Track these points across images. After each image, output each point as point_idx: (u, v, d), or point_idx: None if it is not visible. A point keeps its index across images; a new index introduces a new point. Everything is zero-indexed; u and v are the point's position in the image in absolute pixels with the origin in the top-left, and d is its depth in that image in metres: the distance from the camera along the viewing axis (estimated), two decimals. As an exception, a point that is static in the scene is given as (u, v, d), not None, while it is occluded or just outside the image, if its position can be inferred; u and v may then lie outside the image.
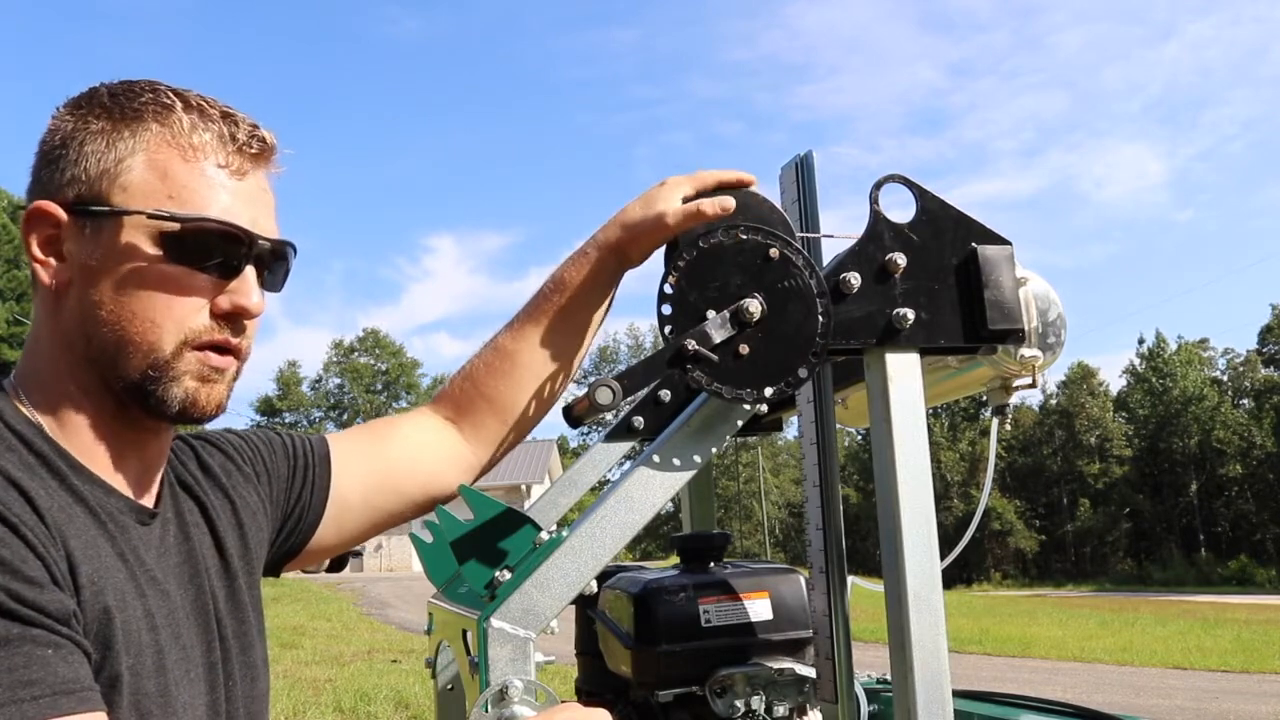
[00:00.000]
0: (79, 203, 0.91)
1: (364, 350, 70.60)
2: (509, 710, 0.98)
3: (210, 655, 0.98)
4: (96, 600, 0.83)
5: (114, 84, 0.95)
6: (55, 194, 0.92)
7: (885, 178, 1.16)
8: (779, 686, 1.35)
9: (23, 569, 0.76)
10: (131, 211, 0.90)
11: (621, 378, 1.09)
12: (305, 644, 13.97)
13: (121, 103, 0.93)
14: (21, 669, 0.73)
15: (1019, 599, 31.76)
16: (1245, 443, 52.45)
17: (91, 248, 0.90)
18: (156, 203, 0.91)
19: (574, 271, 1.25)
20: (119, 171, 0.91)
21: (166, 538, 0.99)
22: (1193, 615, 21.10)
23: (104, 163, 0.91)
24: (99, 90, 0.95)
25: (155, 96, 0.93)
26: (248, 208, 0.95)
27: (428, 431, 1.28)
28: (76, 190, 0.91)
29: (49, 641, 0.76)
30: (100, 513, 0.89)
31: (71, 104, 0.94)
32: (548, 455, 41.03)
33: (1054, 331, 1.32)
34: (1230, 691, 10.91)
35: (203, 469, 1.10)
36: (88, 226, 0.91)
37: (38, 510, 0.81)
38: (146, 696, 0.86)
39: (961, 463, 56.68)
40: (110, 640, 0.83)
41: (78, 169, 0.91)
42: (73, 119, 0.93)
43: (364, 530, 1.25)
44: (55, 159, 0.92)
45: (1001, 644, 15.34)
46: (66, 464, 0.89)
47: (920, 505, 1.11)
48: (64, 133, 0.93)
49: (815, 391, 1.35)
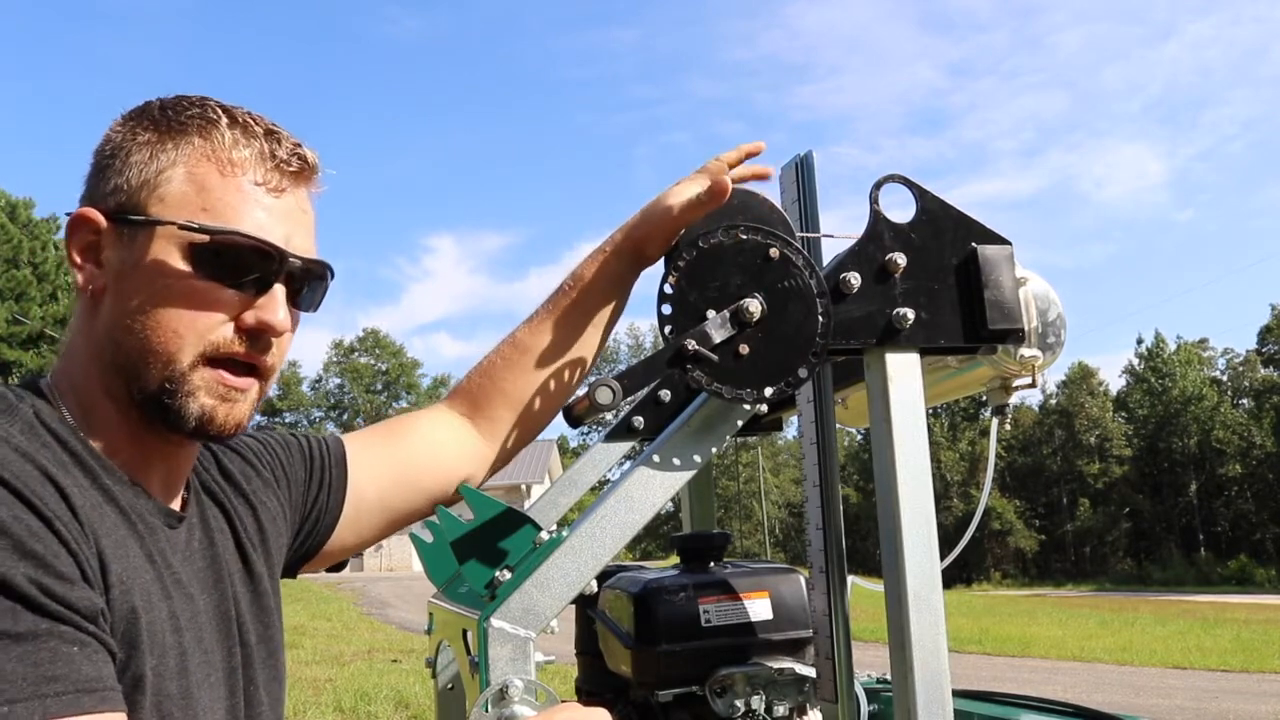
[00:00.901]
0: (119, 211, 0.92)
1: (364, 350, 70.62)
2: (509, 710, 0.98)
3: (231, 660, 0.99)
4: (124, 599, 0.84)
5: (168, 98, 0.97)
6: (99, 202, 0.93)
7: (885, 178, 1.16)
8: (779, 686, 1.35)
9: (54, 564, 0.76)
10: (165, 222, 0.91)
11: (621, 378, 1.09)
12: (305, 644, 13.97)
13: (170, 116, 0.95)
14: (47, 664, 0.73)
15: (1019, 599, 31.76)
16: (1245, 443, 52.44)
17: (126, 255, 0.92)
18: (190, 214, 0.91)
19: (590, 268, 1.27)
20: (159, 182, 0.92)
21: (192, 542, 0.99)
22: (1192, 615, 21.10)
23: (145, 173, 0.92)
24: (152, 104, 0.97)
25: (202, 111, 0.95)
26: (282, 225, 0.94)
27: (443, 427, 1.29)
28: (118, 199, 0.93)
29: (75, 639, 0.76)
30: (130, 513, 0.90)
31: (126, 116, 0.97)
32: (548, 455, 41.02)
33: (1054, 331, 1.32)
34: (1230, 691, 10.91)
35: (224, 475, 1.11)
36: (125, 235, 0.92)
37: (72, 506, 0.81)
38: (169, 698, 0.87)
39: (961, 463, 56.67)
40: (136, 640, 0.84)
41: (121, 178, 0.93)
42: (124, 130, 0.95)
43: (381, 529, 1.26)
44: (104, 168, 0.94)
45: (1001, 644, 15.34)
46: (99, 464, 0.90)
47: (920, 505, 1.11)
48: (115, 143, 0.95)
49: (815, 391, 1.35)
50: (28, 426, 0.86)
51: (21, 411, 0.88)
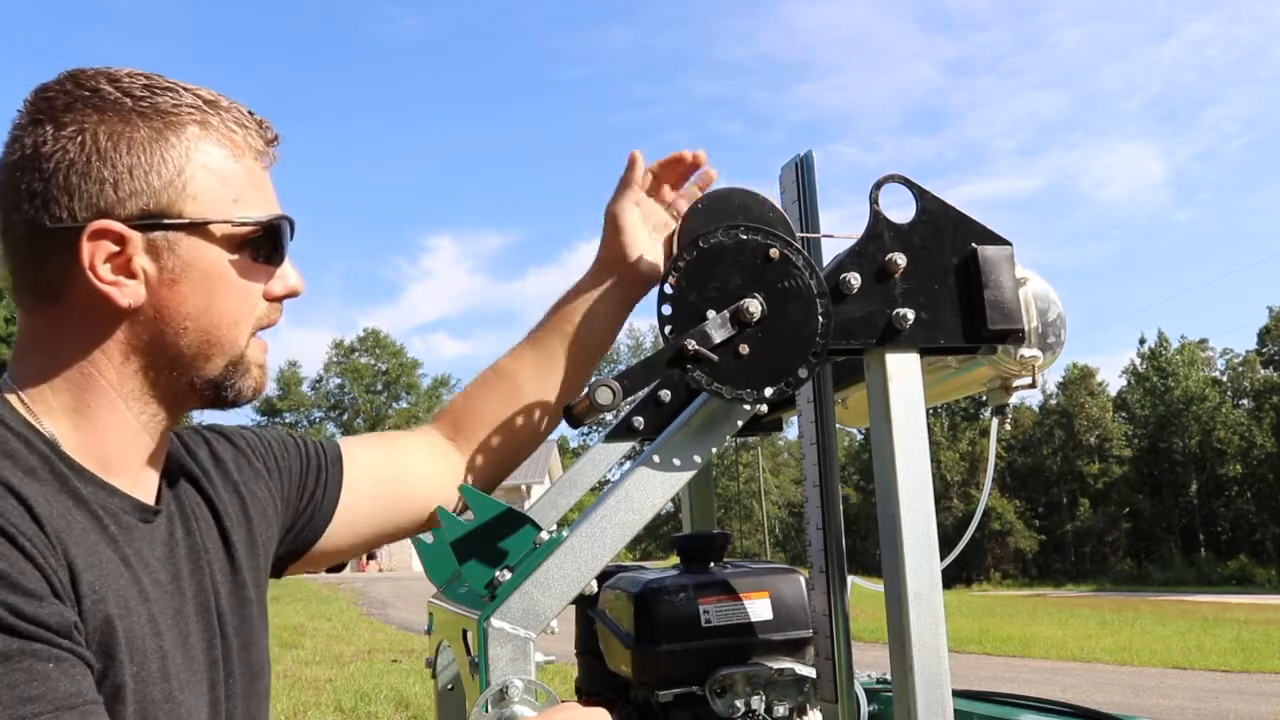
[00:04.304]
0: (147, 218, 0.89)
1: (364, 350, 70.61)
2: (509, 710, 0.98)
3: (211, 652, 0.98)
4: (98, 609, 0.82)
5: (116, 82, 0.89)
6: (108, 212, 0.87)
7: (885, 178, 1.16)
8: (779, 686, 1.35)
9: (21, 582, 0.75)
10: (212, 221, 0.91)
11: (622, 378, 1.09)
12: (305, 644, 13.98)
13: (145, 105, 0.89)
14: (23, 685, 0.72)
15: (1019, 599, 31.76)
16: (1245, 443, 52.43)
17: (171, 261, 0.90)
18: (226, 207, 0.93)
19: (570, 295, 1.28)
20: (183, 181, 0.90)
21: (173, 533, 0.98)
22: (1192, 615, 21.10)
23: (164, 174, 0.89)
24: (103, 91, 0.88)
25: (179, 95, 0.92)
26: (274, 193, 1.00)
27: (428, 449, 1.29)
28: (140, 205, 0.88)
29: (50, 655, 0.74)
30: (103, 515, 0.88)
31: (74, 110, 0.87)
32: (548, 455, 41.00)
33: (1054, 331, 1.32)
34: (1230, 691, 10.91)
35: (214, 460, 1.10)
36: (163, 241, 0.90)
37: (37, 519, 0.79)
38: (153, 704, 0.86)
39: (961, 463, 56.67)
40: (113, 649, 0.83)
41: (135, 183, 0.88)
42: (94, 126, 0.87)
43: (368, 537, 1.25)
44: (84, 174, 0.87)
45: (1001, 644, 15.35)
46: (67, 466, 0.87)
47: (920, 505, 1.11)
48: (85, 143, 0.87)
49: (815, 391, 1.35)
50: None
51: None
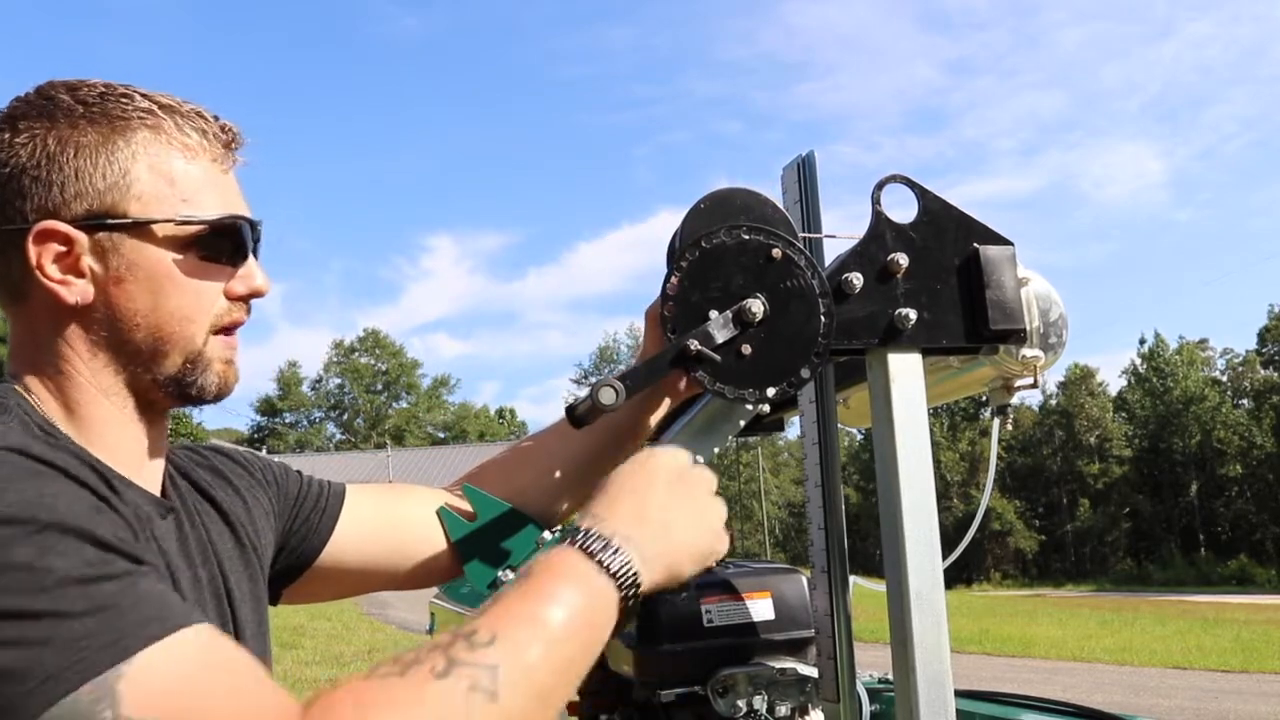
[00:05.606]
0: (92, 218, 0.91)
1: (364, 350, 70.68)
2: None
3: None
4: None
5: (74, 91, 0.93)
6: (55, 213, 0.90)
7: (887, 178, 1.16)
8: (781, 686, 1.35)
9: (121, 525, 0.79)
10: (155, 220, 0.93)
11: (624, 378, 1.09)
12: (305, 644, 13.97)
13: (98, 111, 0.92)
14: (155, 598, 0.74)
15: (1019, 599, 31.76)
16: (1245, 443, 52.42)
17: (116, 260, 0.92)
18: (173, 207, 0.94)
19: None
20: (128, 183, 0.92)
21: (183, 526, 1.01)
22: (1192, 615, 21.09)
23: (109, 176, 0.91)
24: (59, 100, 0.92)
25: (130, 101, 0.94)
26: (238, 195, 1.01)
27: (435, 499, 1.26)
28: (85, 206, 0.91)
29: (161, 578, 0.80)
30: (130, 506, 0.91)
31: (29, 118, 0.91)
32: (548, 455, 40.94)
33: (1055, 331, 1.32)
34: (1230, 691, 10.91)
35: (213, 470, 1.12)
36: (108, 241, 0.92)
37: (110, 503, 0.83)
38: None
39: (961, 463, 56.64)
40: None
41: (80, 184, 0.90)
42: (38, 133, 0.90)
43: (361, 575, 1.23)
44: (34, 178, 0.90)
45: (1001, 644, 15.35)
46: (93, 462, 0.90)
47: (922, 505, 1.11)
48: (35, 150, 0.90)
49: (817, 391, 1.35)
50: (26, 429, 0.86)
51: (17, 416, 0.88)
